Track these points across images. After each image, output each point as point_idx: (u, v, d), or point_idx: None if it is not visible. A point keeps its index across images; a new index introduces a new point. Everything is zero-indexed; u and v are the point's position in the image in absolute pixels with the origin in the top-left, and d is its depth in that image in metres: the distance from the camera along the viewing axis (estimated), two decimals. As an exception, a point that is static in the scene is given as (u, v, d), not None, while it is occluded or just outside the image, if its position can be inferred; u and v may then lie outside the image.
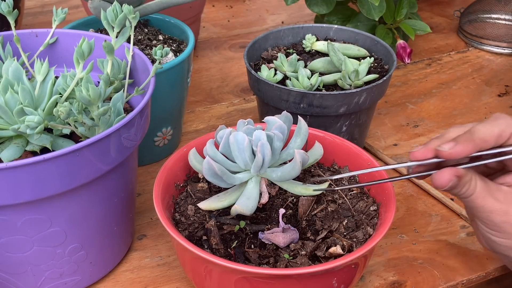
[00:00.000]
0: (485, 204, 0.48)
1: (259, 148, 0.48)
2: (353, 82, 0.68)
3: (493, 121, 0.47)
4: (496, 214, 0.48)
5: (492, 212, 0.48)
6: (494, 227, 0.49)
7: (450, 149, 0.46)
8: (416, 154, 0.48)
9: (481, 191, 0.48)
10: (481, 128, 0.47)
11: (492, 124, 0.47)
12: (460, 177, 0.47)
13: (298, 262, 0.48)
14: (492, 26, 1.04)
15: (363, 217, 0.53)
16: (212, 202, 0.52)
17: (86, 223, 0.52)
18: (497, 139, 0.47)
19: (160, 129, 0.72)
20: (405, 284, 0.58)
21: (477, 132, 0.47)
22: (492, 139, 0.46)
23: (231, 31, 1.12)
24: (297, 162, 0.49)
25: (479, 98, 0.90)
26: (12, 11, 0.58)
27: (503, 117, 0.47)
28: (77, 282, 0.55)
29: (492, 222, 0.49)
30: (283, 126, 0.51)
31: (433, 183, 0.48)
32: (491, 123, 0.47)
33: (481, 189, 0.48)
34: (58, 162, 0.45)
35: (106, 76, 0.53)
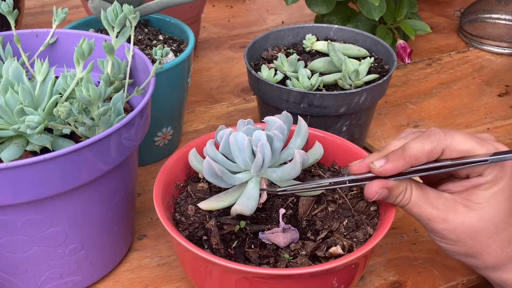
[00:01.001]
0: (422, 212, 0.49)
1: (259, 149, 0.48)
2: (353, 82, 0.68)
3: (425, 138, 0.47)
4: (435, 222, 0.49)
5: (430, 220, 0.49)
6: (436, 234, 0.50)
7: (380, 167, 0.48)
8: (353, 168, 0.50)
9: (417, 200, 0.49)
10: (413, 146, 0.47)
11: (424, 141, 0.47)
12: (391, 189, 0.48)
13: (298, 262, 0.48)
14: (493, 26, 1.04)
15: (363, 217, 0.53)
16: (212, 202, 0.52)
17: (86, 223, 0.52)
18: (429, 155, 0.47)
19: (160, 129, 0.72)
20: (405, 284, 0.58)
21: (409, 149, 0.47)
22: (423, 156, 0.47)
23: (231, 31, 1.12)
24: (297, 162, 0.49)
25: (479, 98, 0.90)
26: (12, 11, 0.58)
27: (436, 134, 0.47)
28: (77, 282, 0.55)
29: (433, 229, 0.49)
30: (283, 126, 0.51)
31: (364, 194, 0.49)
32: (423, 140, 0.47)
33: (416, 198, 0.49)
34: (58, 162, 0.45)
35: (106, 76, 0.53)
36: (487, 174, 0.48)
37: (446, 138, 0.47)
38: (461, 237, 0.49)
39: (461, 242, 0.49)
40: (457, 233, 0.49)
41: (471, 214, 0.48)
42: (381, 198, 0.49)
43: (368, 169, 0.49)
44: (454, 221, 0.48)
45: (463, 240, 0.49)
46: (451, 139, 0.47)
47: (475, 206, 0.48)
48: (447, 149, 0.47)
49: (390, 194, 0.49)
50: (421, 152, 0.47)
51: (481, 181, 0.48)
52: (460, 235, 0.49)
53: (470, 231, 0.48)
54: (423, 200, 0.49)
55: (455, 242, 0.49)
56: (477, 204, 0.48)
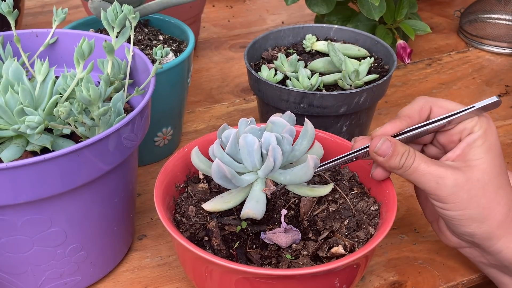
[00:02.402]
0: (430, 169, 0.49)
1: (270, 152, 0.48)
2: (353, 82, 0.68)
3: (413, 101, 0.53)
4: (445, 178, 0.49)
5: (440, 176, 0.49)
6: (447, 197, 0.49)
7: (380, 129, 0.52)
8: (355, 144, 0.53)
9: (423, 159, 0.49)
10: (404, 108, 0.53)
11: (412, 103, 0.53)
12: (394, 143, 0.49)
13: (300, 263, 0.48)
14: (493, 26, 1.04)
15: (364, 217, 0.53)
16: (217, 203, 0.52)
17: (87, 223, 0.52)
18: (420, 113, 0.52)
19: (160, 129, 0.72)
20: (405, 284, 0.58)
21: (401, 111, 0.52)
22: (415, 114, 0.52)
23: (231, 31, 1.12)
24: (310, 167, 0.49)
25: (479, 98, 0.89)
26: (12, 11, 0.58)
27: (422, 97, 0.53)
28: (78, 282, 0.55)
29: (445, 188, 0.49)
30: (293, 129, 0.50)
31: (370, 150, 0.51)
32: (411, 103, 0.53)
33: (422, 158, 0.50)
34: (58, 162, 0.45)
35: (106, 76, 0.53)
36: (477, 130, 0.50)
37: (432, 98, 0.53)
38: (473, 194, 0.49)
39: (473, 201, 0.49)
40: (468, 189, 0.49)
41: (475, 170, 0.49)
42: (384, 150, 0.49)
43: (369, 139, 0.52)
44: (462, 177, 0.49)
45: (475, 197, 0.49)
46: (436, 99, 0.53)
47: (476, 162, 0.49)
48: (434, 107, 0.52)
49: (395, 151, 0.49)
50: (412, 110, 0.52)
51: (474, 137, 0.50)
52: (471, 192, 0.49)
53: (479, 185, 0.49)
54: (429, 160, 0.49)
55: (467, 204, 0.49)
56: (477, 159, 0.49)
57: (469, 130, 0.51)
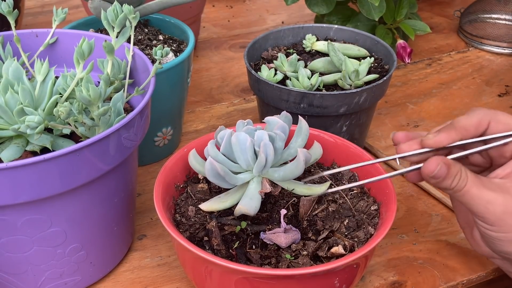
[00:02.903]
0: (480, 194, 0.47)
1: (262, 148, 0.48)
2: (353, 82, 0.68)
3: (471, 112, 0.50)
4: (495, 204, 0.47)
5: (490, 202, 0.47)
6: (494, 221, 0.47)
7: (434, 137, 0.48)
8: (403, 146, 0.50)
9: (474, 181, 0.47)
10: (461, 119, 0.49)
11: (471, 114, 0.49)
12: (448, 166, 0.47)
13: (300, 263, 0.48)
14: (492, 26, 1.04)
15: (364, 217, 0.53)
16: (214, 203, 0.52)
17: (86, 223, 0.52)
18: (477, 127, 0.49)
19: (160, 129, 0.72)
20: (405, 284, 0.58)
21: (458, 121, 0.49)
22: (472, 127, 0.49)
23: (231, 31, 1.12)
24: (300, 161, 0.49)
25: (479, 98, 0.89)
26: (12, 11, 0.58)
27: (480, 109, 0.50)
28: (77, 282, 0.55)
29: (494, 215, 0.47)
30: (285, 126, 0.51)
31: (423, 171, 0.48)
32: (470, 114, 0.49)
33: (473, 179, 0.47)
34: (58, 162, 0.45)
35: (106, 76, 0.53)
36: None
37: (491, 112, 0.49)
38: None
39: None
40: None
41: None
42: (440, 175, 0.47)
43: (419, 145, 0.49)
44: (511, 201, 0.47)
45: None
46: (495, 113, 0.49)
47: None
48: (493, 121, 0.49)
49: (448, 173, 0.47)
50: (470, 123, 0.49)
51: None
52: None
53: None
54: (479, 182, 0.47)
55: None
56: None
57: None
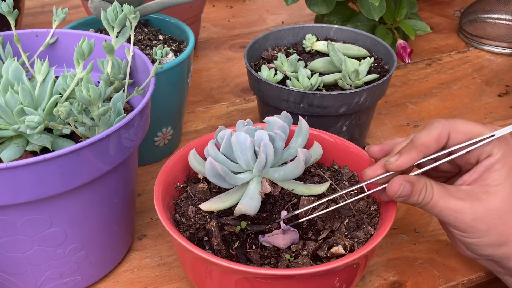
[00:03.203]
0: (448, 205, 0.48)
1: (262, 148, 0.48)
2: (353, 82, 0.68)
3: (429, 126, 0.49)
4: (464, 213, 0.48)
5: (458, 211, 0.48)
6: (466, 228, 0.48)
7: (396, 161, 0.48)
8: (368, 172, 0.50)
9: (441, 193, 0.48)
10: (420, 136, 0.49)
11: (429, 129, 0.49)
12: (412, 183, 0.48)
13: (300, 263, 0.48)
14: (493, 26, 1.04)
15: (364, 217, 0.53)
16: (214, 203, 0.52)
17: (86, 223, 0.52)
18: (437, 142, 0.49)
19: (160, 129, 0.72)
20: (405, 284, 0.58)
21: (417, 140, 0.49)
22: (433, 143, 0.48)
23: (231, 31, 1.12)
24: (300, 161, 0.49)
25: (479, 98, 0.89)
26: (12, 11, 0.58)
27: (438, 121, 0.49)
28: (77, 282, 0.55)
29: (463, 223, 0.48)
30: (285, 126, 0.51)
31: (387, 192, 0.48)
32: (428, 129, 0.49)
33: (439, 192, 0.48)
34: (58, 162, 0.45)
35: (106, 76, 0.53)
36: (496, 153, 0.48)
37: (449, 122, 0.49)
38: (491, 224, 0.48)
39: (492, 230, 0.48)
40: (486, 221, 0.48)
41: (494, 197, 0.48)
42: (405, 194, 0.48)
43: (383, 169, 0.49)
44: (481, 208, 0.47)
45: (494, 227, 0.48)
46: (453, 123, 0.49)
47: (494, 189, 0.48)
48: (452, 132, 0.49)
49: (413, 190, 0.47)
50: (429, 139, 0.48)
51: (492, 160, 0.48)
52: (490, 222, 0.48)
53: (498, 215, 0.48)
54: (446, 193, 0.48)
55: (486, 232, 0.48)
56: (496, 186, 0.48)
57: (487, 153, 0.49)
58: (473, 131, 0.49)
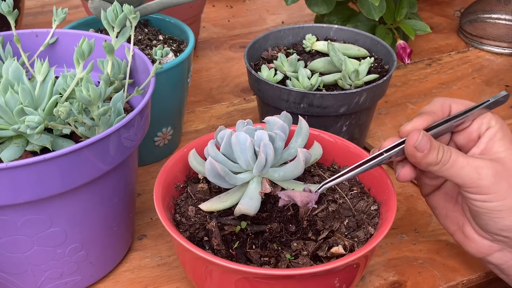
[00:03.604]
0: (469, 160, 0.48)
1: (262, 148, 0.48)
2: (353, 82, 0.68)
3: (432, 101, 0.54)
4: (486, 167, 0.48)
5: (481, 166, 0.48)
6: (489, 187, 0.48)
7: (410, 123, 0.51)
8: (385, 143, 0.52)
9: (458, 151, 0.49)
10: (426, 107, 0.53)
11: (433, 102, 0.54)
12: (430, 138, 0.49)
13: (300, 263, 0.48)
14: (493, 26, 1.04)
15: (364, 217, 0.53)
16: (214, 203, 0.52)
17: (86, 223, 0.52)
18: (442, 109, 0.52)
19: (160, 129, 0.72)
20: (405, 284, 0.58)
21: (424, 109, 0.53)
22: (438, 110, 0.52)
23: (231, 31, 1.12)
24: (300, 161, 0.49)
25: (479, 98, 0.89)
26: (12, 11, 0.58)
27: (440, 97, 0.54)
28: (77, 282, 0.55)
29: (485, 179, 0.48)
30: (285, 126, 0.51)
31: (406, 145, 0.49)
32: (432, 102, 0.54)
33: (457, 150, 0.49)
34: (58, 162, 0.45)
35: (106, 76, 0.53)
36: (494, 124, 0.51)
37: (449, 98, 0.54)
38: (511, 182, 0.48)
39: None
40: (507, 178, 0.48)
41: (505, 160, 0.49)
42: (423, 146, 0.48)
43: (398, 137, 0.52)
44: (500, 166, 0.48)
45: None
46: (452, 99, 0.54)
47: (503, 154, 0.50)
48: (453, 104, 0.53)
49: (431, 145, 0.48)
50: (435, 107, 0.52)
51: (493, 131, 0.51)
52: (510, 180, 0.48)
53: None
54: (463, 154, 0.49)
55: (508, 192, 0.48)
56: (503, 151, 0.50)
57: (487, 125, 0.51)
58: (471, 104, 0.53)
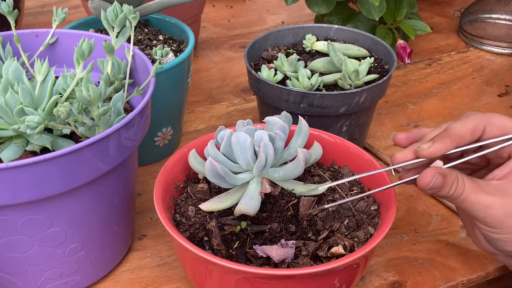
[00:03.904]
0: (479, 200, 0.47)
1: (262, 148, 0.48)
2: (353, 82, 0.68)
3: (466, 118, 0.49)
4: (494, 209, 0.47)
5: (489, 207, 0.47)
6: (495, 224, 0.48)
7: (428, 148, 0.47)
8: (397, 156, 0.49)
9: (472, 188, 0.48)
10: (456, 125, 0.48)
11: (465, 120, 0.48)
12: (444, 175, 0.47)
13: (300, 263, 0.48)
14: (492, 26, 1.04)
15: (364, 217, 0.53)
16: (214, 203, 0.52)
17: (86, 223, 0.52)
18: (472, 133, 0.48)
19: (160, 129, 0.72)
20: (405, 284, 0.58)
21: (452, 129, 0.48)
22: (467, 134, 0.48)
23: (231, 31, 1.12)
24: (300, 161, 0.49)
25: (479, 98, 0.89)
26: (12, 11, 0.58)
27: (475, 114, 0.49)
28: (77, 282, 0.55)
29: (494, 218, 0.47)
30: (285, 126, 0.51)
31: (418, 184, 0.48)
32: (464, 120, 0.48)
33: (470, 186, 0.48)
34: (58, 162, 0.45)
35: (106, 76, 0.53)
36: None
37: (485, 116, 0.48)
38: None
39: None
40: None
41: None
42: (437, 186, 0.47)
43: (414, 154, 0.49)
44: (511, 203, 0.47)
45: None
46: (489, 116, 0.48)
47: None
48: (488, 125, 0.48)
49: (445, 183, 0.47)
50: (465, 129, 0.48)
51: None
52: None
53: None
54: (477, 188, 0.47)
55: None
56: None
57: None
58: (509, 126, 0.48)
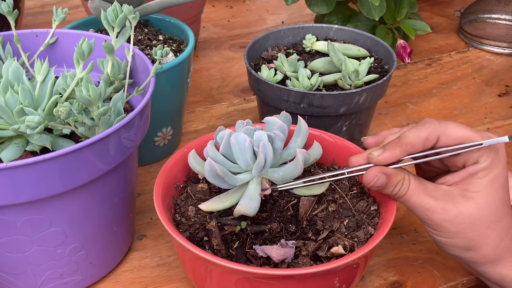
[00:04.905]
0: (420, 202, 0.49)
1: (261, 149, 0.48)
2: (353, 82, 0.68)
3: (421, 126, 0.49)
4: (434, 212, 0.48)
5: (430, 210, 0.48)
6: (435, 227, 0.49)
7: (378, 156, 0.49)
8: (352, 160, 0.51)
9: (415, 190, 0.49)
10: (409, 134, 0.49)
11: (420, 129, 0.48)
12: (389, 175, 0.48)
13: (300, 263, 0.48)
14: (492, 26, 1.04)
15: (364, 217, 0.53)
16: (213, 203, 0.52)
17: (86, 223, 0.52)
18: (425, 143, 0.48)
19: (160, 129, 0.72)
20: (405, 284, 0.58)
21: (405, 137, 0.49)
22: (419, 143, 0.48)
23: (231, 31, 1.12)
24: (299, 161, 0.49)
25: (479, 98, 0.90)
26: (12, 11, 0.58)
27: (430, 122, 0.49)
28: (77, 282, 0.55)
29: (433, 221, 0.49)
30: (284, 126, 0.51)
31: (363, 180, 0.49)
32: (419, 128, 0.49)
33: (415, 188, 0.49)
34: (58, 162, 0.45)
35: (106, 76, 0.53)
36: (483, 161, 0.48)
37: (441, 126, 0.48)
38: (460, 228, 0.48)
39: (461, 234, 0.49)
40: (456, 224, 0.48)
41: (469, 203, 0.48)
42: (379, 185, 0.49)
43: (367, 160, 0.50)
44: (453, 210, 0.48)
45: (463, 231, 0.48)
46: (445, 127, 0.48)
47: (472, 195, 0.48)
48: (442, 136, 0.48)
49: (389, 182, 0.49)
50: (417, 139, 0.48)
51: (477, 168, 0.48)
52: (460, 226, 0.48)
53: (469, 220, 0.48)
54: (422, 190, 0.49)
55: (455, 234, 0.49)
56: (475, 192, 0.48)
57: (474, 159, 0.48)
58: (464, 136, 0.48)
